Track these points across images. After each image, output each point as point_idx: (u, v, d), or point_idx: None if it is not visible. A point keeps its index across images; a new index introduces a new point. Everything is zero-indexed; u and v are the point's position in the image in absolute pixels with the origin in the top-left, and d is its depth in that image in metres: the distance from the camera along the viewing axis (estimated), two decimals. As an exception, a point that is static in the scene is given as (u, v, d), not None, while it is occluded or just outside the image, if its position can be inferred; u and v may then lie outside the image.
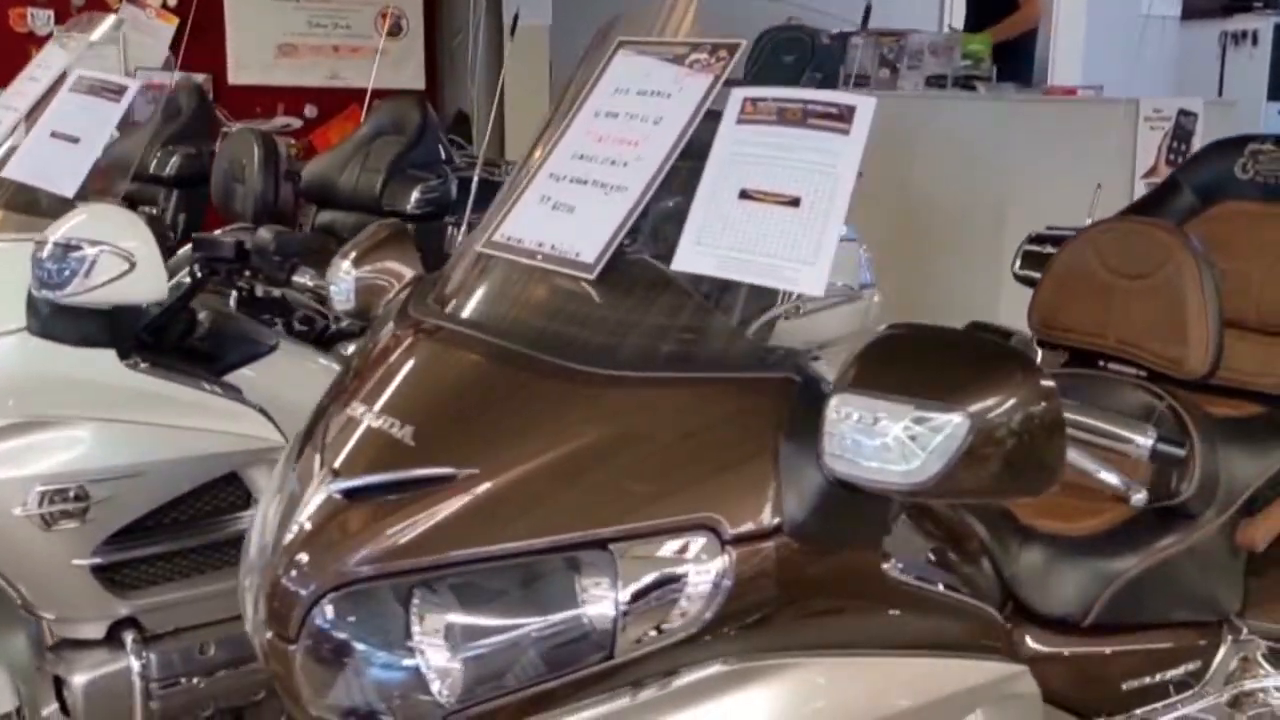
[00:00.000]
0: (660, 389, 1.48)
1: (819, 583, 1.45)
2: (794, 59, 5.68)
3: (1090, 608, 2.09)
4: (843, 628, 1.50)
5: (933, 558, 1.73)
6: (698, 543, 1.38)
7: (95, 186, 2.72)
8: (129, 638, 2.51)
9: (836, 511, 1.41)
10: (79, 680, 2.47)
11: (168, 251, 2.63)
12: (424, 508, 1.42)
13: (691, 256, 1.54)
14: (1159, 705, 2.24)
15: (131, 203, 4.48)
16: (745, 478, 1.40)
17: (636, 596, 1.37)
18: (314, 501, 1.50)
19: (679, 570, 1.37)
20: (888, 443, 1.30)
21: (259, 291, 2.58)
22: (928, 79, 5.04)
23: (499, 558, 1.40)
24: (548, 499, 1.41)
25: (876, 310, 3.91)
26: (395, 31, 6.16)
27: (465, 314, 1.70)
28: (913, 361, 1.37)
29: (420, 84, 6.23)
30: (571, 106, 1.78)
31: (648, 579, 1.37)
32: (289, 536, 1.49)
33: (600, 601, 1.37)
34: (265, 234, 2.53)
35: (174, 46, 4.16)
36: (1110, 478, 1.59)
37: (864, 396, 1.33)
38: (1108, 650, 2.16)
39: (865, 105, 1.53)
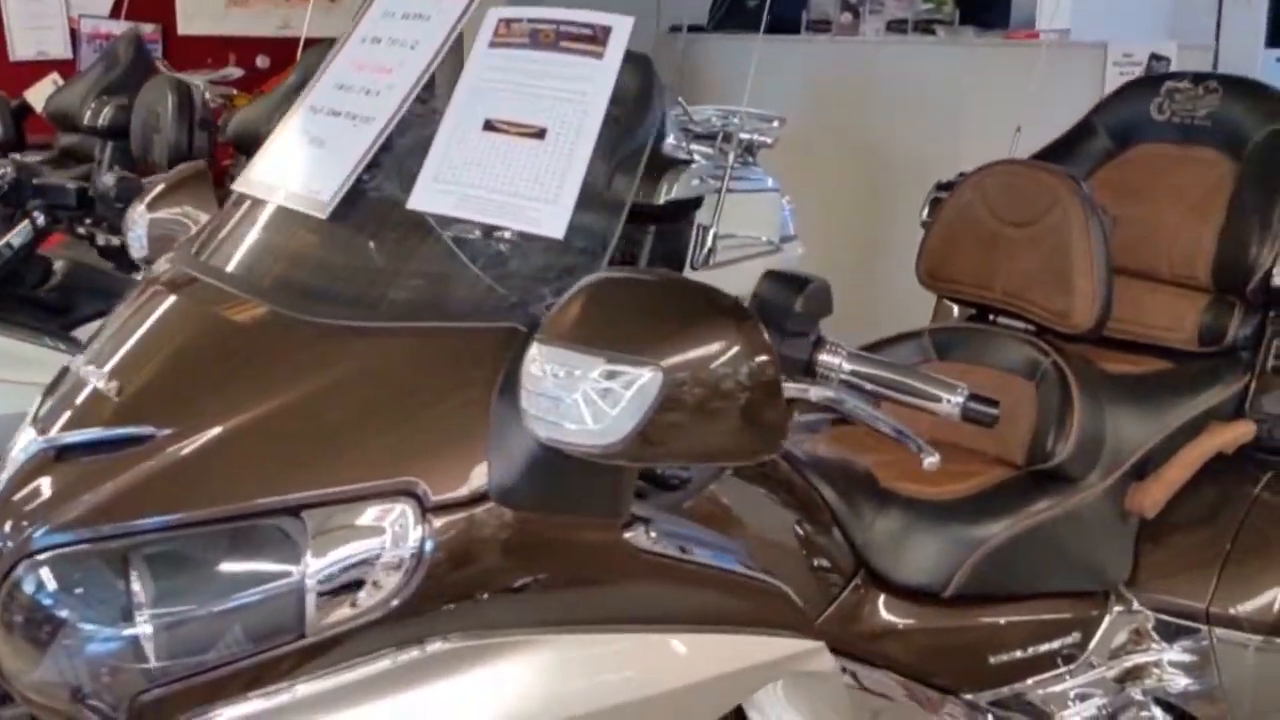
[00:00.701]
0: (373, 340, 1.33)
1: (546, 554, 1.30)
2: (757, 2, 5.51)
3: (951, 577, 1.95)
4: (590, 602, 1.36)
5: (728, 528, 1.59)
6: (396, 510, 1.24)
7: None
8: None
9: (555, 476, 1.27)
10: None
11: None
12: (121, 469, 1.31)
13: (430, 194, 1.40)
14: (1034, 680, 2.11)
15: (69, 154, 4.42)
16: (452, 440, 1.26)
17: (327, 569, 1.24)
18: (18, 461, 1.40)
19: (374, 540, 1.24)
20: (579, 400, 1.16)
21: (99, 240, 2.47)
22: (889, 23, 4.84)
23: (190, 525, 1.27)
24: (243, 461, 1.29)
25: (798, 263, 3.78)
26: (350, -22, 6.00)
27: (210, 261, 1.56)
28: (617, 311, 1.22)
29: (376, 32, 6.08)
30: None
31: (339, 550, 1.24)
32: None
33: (289, 574, 1.24)
34: (109, 179, 2.40)
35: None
36: (903, 438, 1.45)
37: (559, 349, 1.18)
38: (971, 622, 2.03)
39: (621, 25, 1.38)
